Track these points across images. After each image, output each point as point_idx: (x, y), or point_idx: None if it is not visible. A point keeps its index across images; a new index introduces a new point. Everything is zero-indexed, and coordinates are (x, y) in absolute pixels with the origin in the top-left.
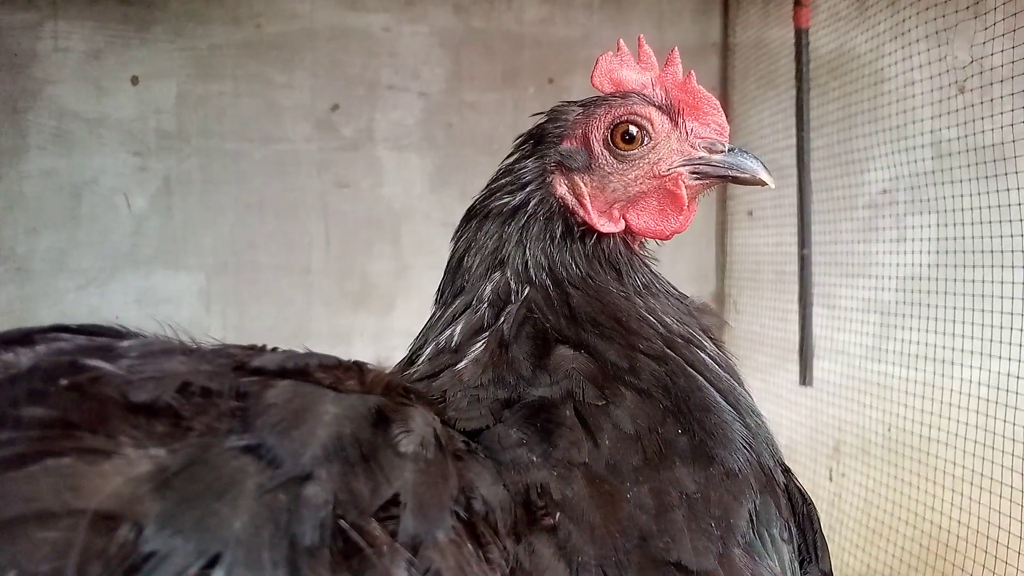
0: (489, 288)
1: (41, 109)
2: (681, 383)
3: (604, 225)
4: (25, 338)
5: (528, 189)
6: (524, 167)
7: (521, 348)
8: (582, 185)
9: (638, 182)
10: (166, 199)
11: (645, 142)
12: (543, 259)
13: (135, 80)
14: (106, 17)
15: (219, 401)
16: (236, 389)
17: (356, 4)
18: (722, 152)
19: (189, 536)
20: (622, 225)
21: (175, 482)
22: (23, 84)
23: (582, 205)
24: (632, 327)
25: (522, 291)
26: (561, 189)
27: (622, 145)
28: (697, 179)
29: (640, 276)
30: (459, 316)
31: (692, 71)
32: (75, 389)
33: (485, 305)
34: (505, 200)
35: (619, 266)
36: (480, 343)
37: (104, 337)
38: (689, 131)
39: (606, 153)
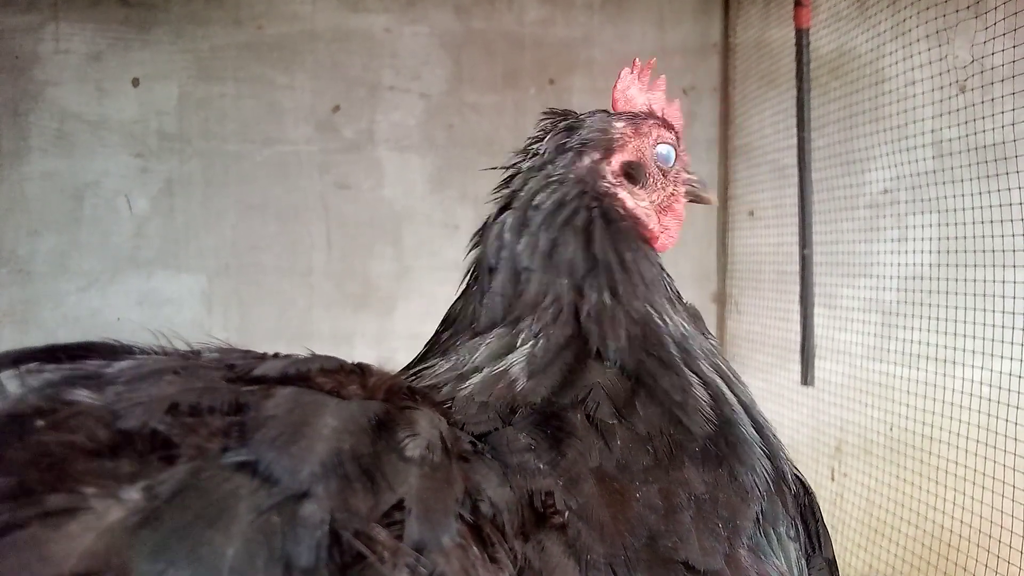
0: (544, 298)
1: (42, 111)
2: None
3: (657, 240)
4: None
5: (582, 195)
6: (574, 172)
7: (556, 363)
8: (640, 198)
9: (667, 199)
10: (168, 201)
11: (674, 162)
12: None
13: (136, 82)
14: (107, 19)
15: (211, 419)
16: (232, 402)
17: (357, 5)
18: (690, 174)
19: (181, 568)
20: (658, 240)
21: (164, 513)
22: (24, 86)
23: (639, 217)
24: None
25: (575, 304)
26: (632, 199)
27: (661, 164)
28: (684, 198)
29: (670, 290)
30: (497, 334)
31: (678, 99)
32: (36, 444)
33: (531, 319)
34: (557, 208)
35: (663, 278)
36: (519, 357)
37: (97, 359)
38: (682, 152)
39: (654, 170)
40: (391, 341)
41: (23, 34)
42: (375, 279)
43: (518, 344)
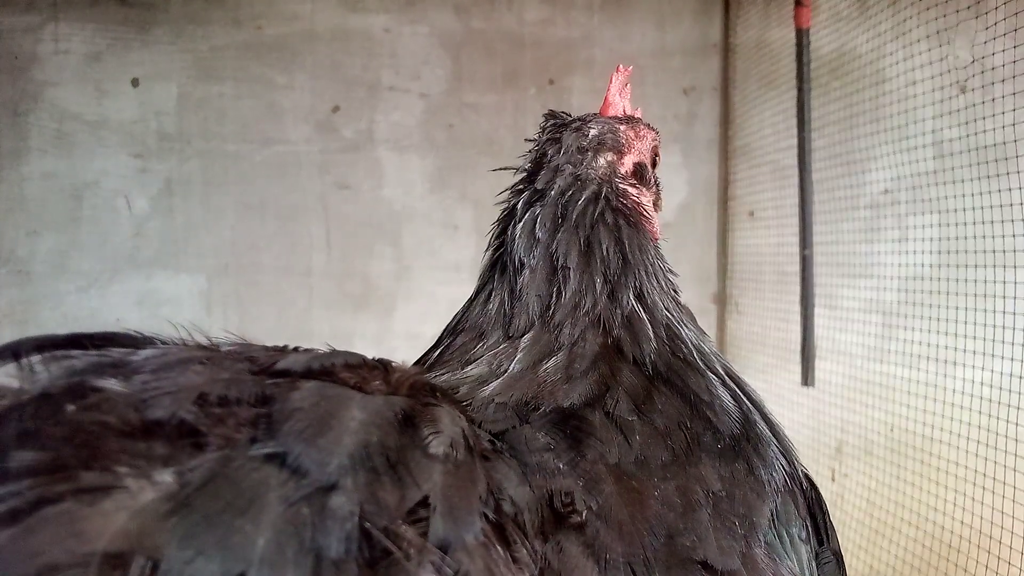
0: (568, 299)
1: (42, 111)
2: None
3: (657, 240)
4: (24, 350)
5: (608, 195)
6: (597, 171)
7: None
8: (648, 198)
9: (656, 199)
10: (167, 201)
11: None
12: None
13: (136, 82)
14: (106, 19)
15: (238, 409)
16: (258, 394)
17: (357, 5)
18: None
19: (212, 556)
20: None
21: (195, 500)
22: (24, 86)
23: (651, 218)
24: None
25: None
26: (645, 199)
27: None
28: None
29: (677, 291)
30: (528, 339)
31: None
32: (70, 422)
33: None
34: (588, 205)
35: (672, 278)
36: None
37: (120, 348)
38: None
39: (653, 171)
40: (391, 341)
41: (22, 34)
42: (375, 279)
43: (556, 349)
